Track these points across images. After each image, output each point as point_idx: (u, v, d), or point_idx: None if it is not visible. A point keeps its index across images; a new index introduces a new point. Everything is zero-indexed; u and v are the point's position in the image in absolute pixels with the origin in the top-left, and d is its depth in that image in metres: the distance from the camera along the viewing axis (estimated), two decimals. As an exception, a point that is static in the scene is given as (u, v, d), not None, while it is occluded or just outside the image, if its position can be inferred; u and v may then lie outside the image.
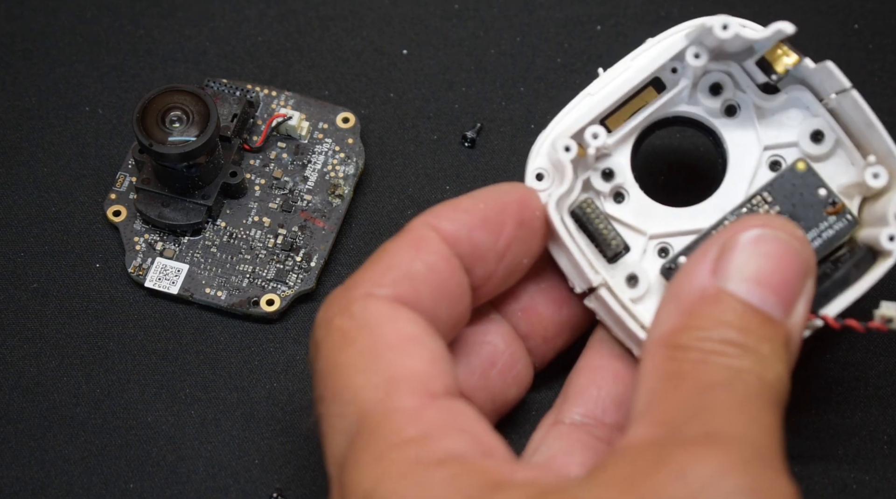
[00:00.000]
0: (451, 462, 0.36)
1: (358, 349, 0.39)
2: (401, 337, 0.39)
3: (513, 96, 0.56)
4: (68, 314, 0.51)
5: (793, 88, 0.46)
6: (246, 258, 0.52)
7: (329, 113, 0.54)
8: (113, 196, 0.53)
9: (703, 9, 0.57)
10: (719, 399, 0.36)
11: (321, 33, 0.57)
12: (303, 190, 0.53)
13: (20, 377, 0.50)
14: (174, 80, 0.56)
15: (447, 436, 0.37)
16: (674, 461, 0.34)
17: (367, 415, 0.38)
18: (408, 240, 0.41)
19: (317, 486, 0.48)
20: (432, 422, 0.37)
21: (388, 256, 0.41)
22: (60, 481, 0.48)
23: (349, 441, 0.38)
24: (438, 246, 0.41)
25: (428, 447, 0.36)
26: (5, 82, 0.56)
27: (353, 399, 0.38)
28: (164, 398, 0.50)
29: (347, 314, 0.40)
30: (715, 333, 0.37)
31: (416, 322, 0.40)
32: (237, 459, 0.49)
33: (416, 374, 0.38)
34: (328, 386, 0.39)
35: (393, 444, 0.37)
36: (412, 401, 0.38)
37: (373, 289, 0.40)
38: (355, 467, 0.37)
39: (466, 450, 0.37)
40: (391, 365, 0.38)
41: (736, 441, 0.35)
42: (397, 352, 0.39)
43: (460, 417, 0.38)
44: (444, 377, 0.39)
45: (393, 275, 0.40)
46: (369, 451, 0.37)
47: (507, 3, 0.58)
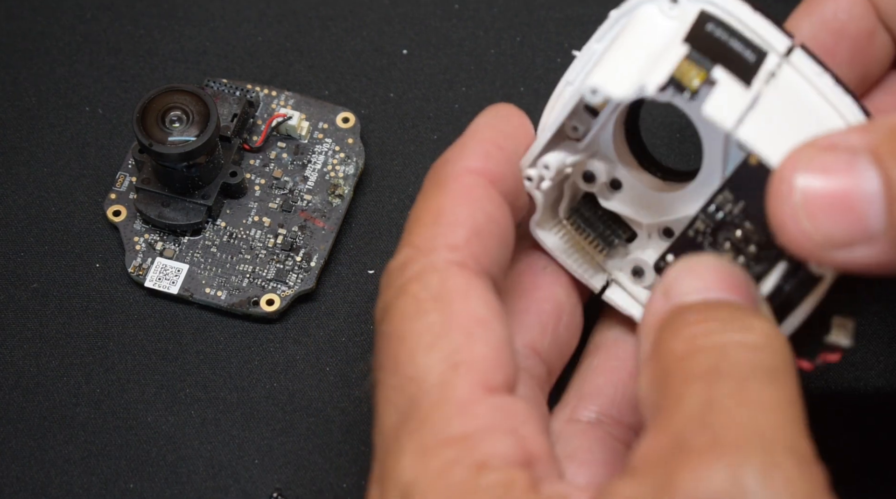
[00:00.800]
0: (490, 466, 0.36)
1: (428, 323, 0.38)
2: (472, 318, 0.38)
3: (513, 96, 0.56)
4: (68, 314, 0.51)
5: None
6: (246, 258, 0.52)
7: (329, 113, 0.54)
8: (113, 196, 0.53)
9: (703, 9, 0.57)
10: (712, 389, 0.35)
11: (321, 33, 0.57)
12: (303, 190, 0.53)
13: (20, 377, 0.50)
14: (174, 80, 0.56)
15: (493, 437, 0.37)
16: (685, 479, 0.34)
17: (422, 397, 0.37)
18: (459, 190, 0.40)
19: (316, 486, 0.48)
20: (482, 420, 0.37)
21: (449, 211, 0.40)
22: (60, 481, 0.48)
23: (400, 420, 0.37)
24: (491, 193, 0.41)
25: (471, 448, 0.36)
26: (5, 82, 0.56)
27: (413, 377, 0.38)
28: (164, 398, 0.50)
29: (424, 282, 0.39)
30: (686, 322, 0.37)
31: (487, 301, 0.39)
32: (237, 459, 0.49)
33: (478, 362, 0.38)
34: (391, 356, 0.38)
35: (439, 439, 0.36)
36: (468, 392, 0.37)
37: (450, 254, 0.39)
38: (399, 455, 0.37)
39: (509, 453, 0.36)
40: (457, 348, 0.38)
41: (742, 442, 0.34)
42: (466, 335, 0.38)
43: (511, 416, 0.37)
44: (505, 367, 0.38)
45: (464, 233, 0.39)
46: (415, 441, 0.37)
47: (507, 3, 0.58)
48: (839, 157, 0.36)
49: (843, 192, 0.36)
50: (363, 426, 0.49)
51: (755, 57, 0.39)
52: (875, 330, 0.50)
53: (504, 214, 0.41)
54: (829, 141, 0.37)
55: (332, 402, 0.50)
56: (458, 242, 0.39)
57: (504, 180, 0.41)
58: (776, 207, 0.37)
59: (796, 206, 0.36)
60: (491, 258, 0.40)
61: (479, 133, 0.42)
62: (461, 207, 0.40)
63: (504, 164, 0.41)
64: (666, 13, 0.41)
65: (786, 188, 0.36)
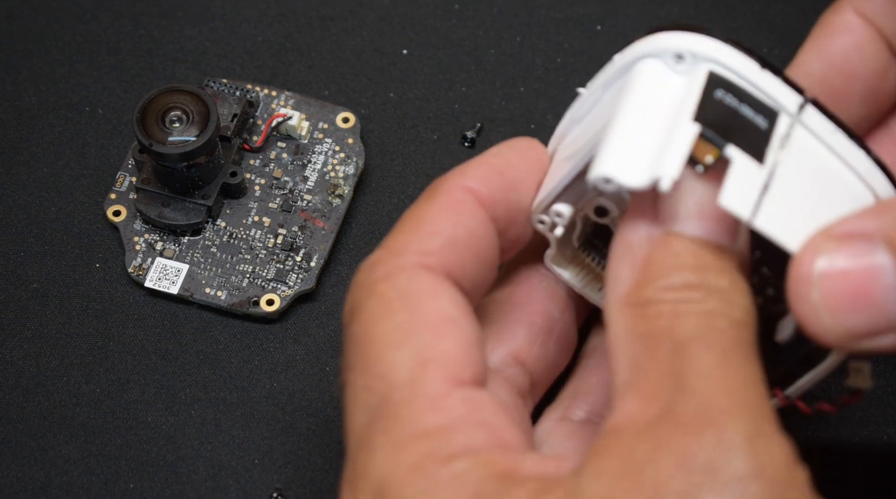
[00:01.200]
0: (463, 457, 0.36)
1: (396, 323, 0.38)
2: (440, 317, 0.38)
3: (513, 96, 0.56)
4: (68, 314, 0.51)
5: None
6: (246, 258, 0.52)
7: (329, 113, 0.54)
8: (113, 196, 0.53)
9: (702, 9, 0.57)
10: (700, 360, 0.35)
11: (321, 33, 0.57)
12: (303, 190, 0.53)
13: (20, 377, 0.50)
14: (174, 80, 0.56)
15: (465, 429, 0.37)
16: (673, 447, 0.34)
17: (392, 394, 0.37)
18: (446, 204, 0.41)
19: (317, 486, 0.48)
20: (453, 413, 0.37)
21: (430, 220, 0.40)
22: (60, 481, 0.48)
23: (370, 418, 0.37)
24: (477, 211, 0.41)
25: (444, 440, 0.36)
26: (5, 82, 0.56)
27: (382, 375, 0.38)
28: (164, 398, 0.50)
29: (392, 283, 0.39)
30: (675, 280, 0.37)
31: (456, 302, 0.39)
32: (237, 459, 0.49)
33: (448, 358, 0.38)
34: (360, 355, 0.38)
35: (411, 434, 0.36)
36: (438, 387, 0.37)
37: (420, 258, 0.39)
38: (371, 452, 0.37)
39: (482, 444, 0.36)
40: (426, 345, 0.38)
41: (730, 415, 0.34)
42: (434, 332, 0.38)
43: (482, 408, 0.37)
44: (474, 364, 0.38)
45: (439, 242, 0.40)
46: (387, 437, 0.37)
47: (507, 3, 0.58)
48: (855, 247, 0.36)
49: (862, 284, 0.36)
50: (363, 426, 0.49)
51: (767, 123, 0.38)
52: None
53: (487, 233, 0.41)
54: (844, 229, 0.36)
55: (332, 402, 0.50)
56: (431, 248, 0.40)
57: (495, 205, 0.41)
58: (796, 305, 0.36)
59: (816, 303, 0.36)
60: (464, 271, 0.40)
61: (485, 158, 0.42)
62: (443, 218, 0.40)
63: (499, 190, 0.41)
64: (672, 68, 0.39)
65: (804, 286, 0.36)
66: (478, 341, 0.39)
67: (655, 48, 0.39)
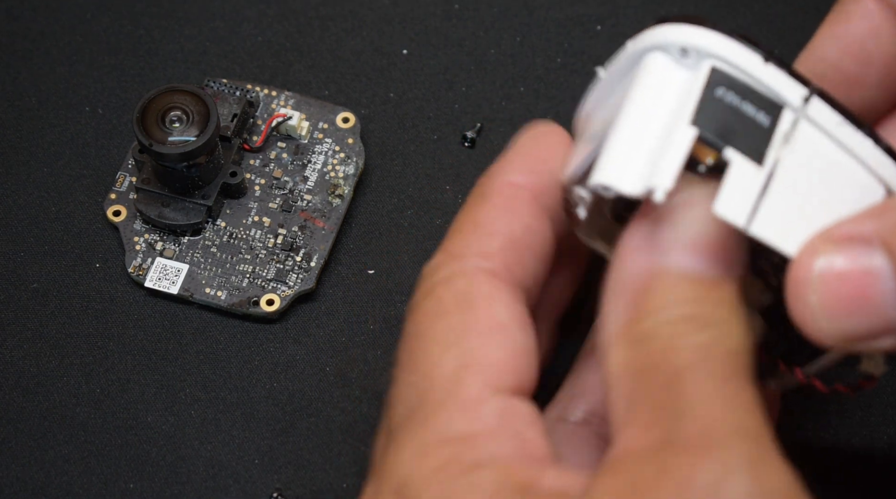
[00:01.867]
0: (485, 467, 0.36)
1: (448, 324, 0.38)
2: (491, 323, 0.38)
3: (513, 96, 0.56)
4: (68, 314, 0.51)
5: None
6: (246, 258, 0.52)
7: (329, 113, 0.54)
8: (113, 196, 0.53)
9: (702, 9, 0.57)
10: (697, 388, 0.35)
11: (321, 33, 0.57)
12: (303, 190, 0.53)
13: (20, 377, 0.50)
14: (174, 80, 0.56)
15: (494, 438, 0.37)
16: (676, 470, 0.34)
17: (431, 394, 0.37)
18: (499, 202, 0.41)
19: (317, 486, 0.48)
20: (485, 420, 0.37)
21: (487, 221, 0.40)
22: (60, 481, 0.48)
23: (407, 415, 0.38)
24: (530, 205, 0.41)
25: (470, 447, 0.36)
26: (5, 82, 0.56)
27: (425, 373, 0.38)
28: (164, 398, 0.50)
29: (450, 286, 0.39)
30: (671, 314, 0.36)
31: (511, 308, 0.39)
32: (237, 459, 0.49)
33: (491, 364, 0.38)
34: (409, 352, 0.39)
35: (440, 438, 0.36)
36: (475, 392, 0.37)
37: (480, 260, 0.39)
38: (399, 450, 0.37)
39: (508, 454, 0.36)
40: (471, 349, 0.38)
41: (731, 440, 0.34)
42: (483, 338, 0.38)
43: (516, 419, 0.37)
44: (519, 373, 0.38)
45: (498, 242, 0.40)
46: (417, 437, 0.37)
47: (507, 3, 0.58)
48: (852, 250, 0.36)
49: (859, 287, 0.36)
50: (363, 426, 0.49)
51: (769, 120, 0.37)
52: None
53: (543, 227, 0.41)
54: (842, 232, 0.36)
55: (332, 402, 0.50)
56: (490, 250, 0.40)
57: (545, 195, 0.41)
58: (794, 307, 0.36)
59: (813, 306, 0.36)
60: (525, 270, 0.40)
61: (523, 149, 0.42)
62: (499, 218, 0.40)
63: (546, 178, 0.41)
64: (679, 62, 0.39)
65: (801, 289, 0.36)
66: (528, 351, 0.39)
67: (662, 41, 0.39)
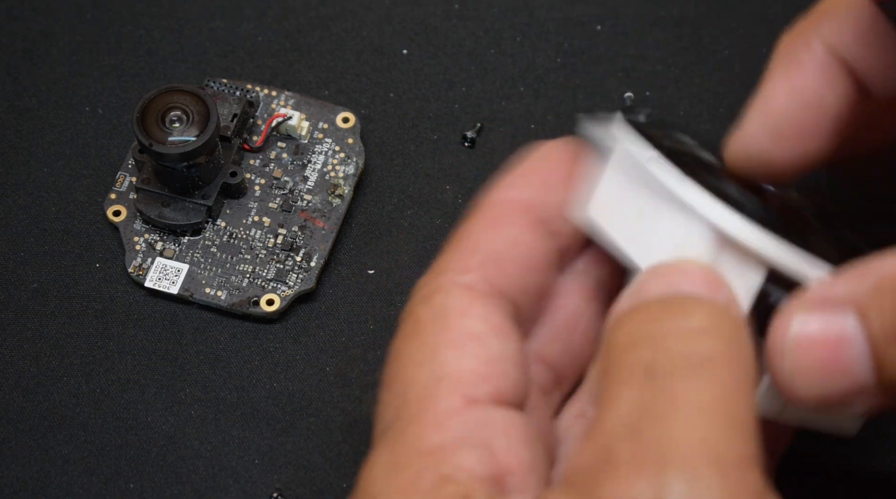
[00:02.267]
0: (453, 480, 0.36)
1: (422, 342, 0.38)
2: (465, 334, 0.38)
3: (513, 96, 0.56)
4: (68, 314, 0.51)
5: None
6: (246, 258, 0.52)
7: (329, 113, 0.54)
8: (113, 196, 0.53)
9: (701, 10, 0.57)
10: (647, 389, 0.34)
11: (321, 33, 0.57)
12: (303, 190, 0.53)
13: (20, 377, 0.50)
14: (174, 80, 0.56)
15: (461, 450, 0.36)
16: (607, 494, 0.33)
17: (405, 409, 0.37)
18: (485, 218, 0.41)
19: (317, 486, 0.48)
20: (455, 433, 0.37)
21: (471, 237, 0.40)
22: (60, 481, 0.48)
23: (382, 432, 0.38)
24: (518, 218, 0.41)
25: (438, 461, 0.36)
26: (5, 82, 0.56)
27: (400, 391, 0.38)
28: (164, 398, 0.50)
29: (427, 303, 0.39)
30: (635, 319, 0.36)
31: (487, 317, 0.39)
32: (237, 459, 0.49)
33: (463, 375, 0.38)
34: (388, 372, 0.39)
35: (410, 452, 0.36)
36: (448, 404, 0.37)
37: (458, 276, 0.39)
38: (372, 467, 0.37)
39: (474, 467, 0.36)
40: (443, 363, 0.38)
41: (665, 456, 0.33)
42: (455, 350, 0.38)
43: (487, 429, 0.37)
44: (496, 381, 0.38)
45: (478, 257, 0.40)
46: (388, 453, 0.37)
47: (507, 3, 0.58)
48: (826, 315, 0.36)
49: (832, 352, 0.36)
50: (363, 426, 0.49)
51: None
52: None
53: (532, 239, 0.41)
54: (817, 295, 0.36)
55: (332, 402, 0.50)
56: (469, 264, 0.40)
57: (542, 207, 0.41)
58: (772, 370, 0.37)
59: (789, 371, 0.36)
60: (510, 281, 0.40)
61: (523, 166, 0.42)
62: (482, 232, 0.40)
63: (542, 192, 0.41)
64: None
65: (778, 354, 0.36)
66: (505, 357, 0.38)
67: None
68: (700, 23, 0.57)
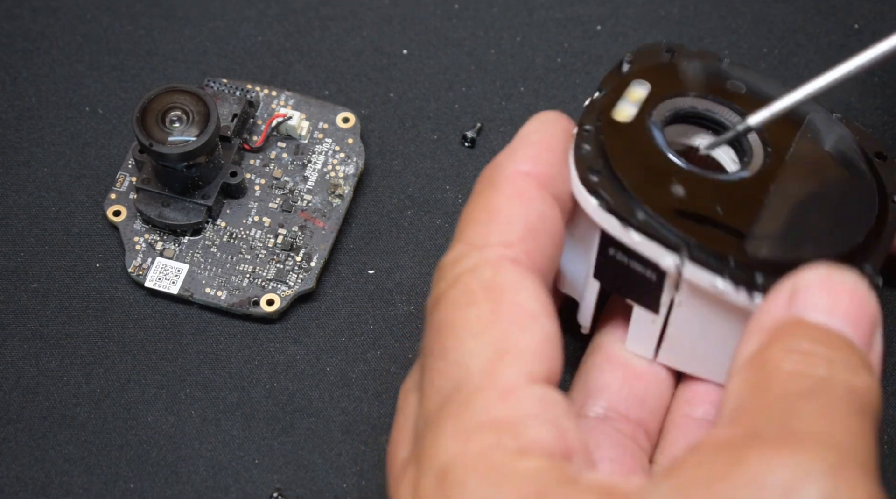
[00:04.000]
0: (530, 453, 0.36)
1: (478, 313, 0.39)
2: (522, 310, 0.39)
3: (513, 96, 0.56)
4: (68, 314, 0.51)
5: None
6: (246, 258, 0.52)
7: (329, 113, 0.54)
8: (113, 196, 0.53)
9: (701, 10, 0.57)
10: (804, 404, 0.35)
11: (321, 33, 0.57)
12: (303, 190, 0.53)
13: (20, 377, 0.50)
14: (174, 80, 0.56)
15: (535, 425, 0.37)
16: (751, 463, 0.33)
17: (467, 381, 0.38)
18: (511, 191, 0.41)
19: (317, 486, 0.48)
20: (524, 407, 0.37)
21: (503, 210, 0.41)
22: (60, 481, 0.48)
23: (443, 402, 0.38)
24: (542, 193, 0.41)
25: (512, 433, 0.36)
26: (5, 82, 0.56)
27: (459, 361, 0.38)
28: (164, 398, 0.50)
29: (477, 274, 0.39)
30: (801, 345, 0.37)
31: (538, 296, 0.39)
32: (237, 459, 0.49)
33: (525, 351, 0.38)
34: (439, 340, 0.39)
35: (480, 422, 0.37)
36: (512, 379, 0.37)
37: (503, 249, 0.40)
38: (439, 435, 0.37)
39: (549, 443, 0.37)
40: (505, 337, 0.38)
41: (819, 443, 0.34)
42: (514, 325, 0.38)
43: (552, 407, 0.37)
44: (550, 361, 0.38)
45: (518, 231, 0.40)
46: (456, 422, 0.37)
47: (507, 3, 0.58)
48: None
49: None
50: (363, 426, 0.49)
51: (655, 276, 0.42)
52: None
53: (555, 213, 0.41)
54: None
55: (332, 402, 0.50)
56: (511, 239, 0.40)
57: (553, 182, 0.42)
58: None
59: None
60: (543, 256, 0.41)
61: (528, 137, 0.42)
62: (515, 207, 0.41)
63: (553, 166, 0.42)
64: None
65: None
66: (555, 339, 0.39)
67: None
68: (700, 23, 0.57)
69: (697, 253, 0.40)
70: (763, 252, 0.41)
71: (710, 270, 0.40)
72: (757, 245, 0.41)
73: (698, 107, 0.45)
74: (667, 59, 0.46)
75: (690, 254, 0.40)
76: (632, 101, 0.44)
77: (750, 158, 0.44)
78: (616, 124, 0.43)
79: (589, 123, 0.43)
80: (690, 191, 0.42)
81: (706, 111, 0.45)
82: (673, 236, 0.41)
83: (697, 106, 0.45)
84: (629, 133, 0.43)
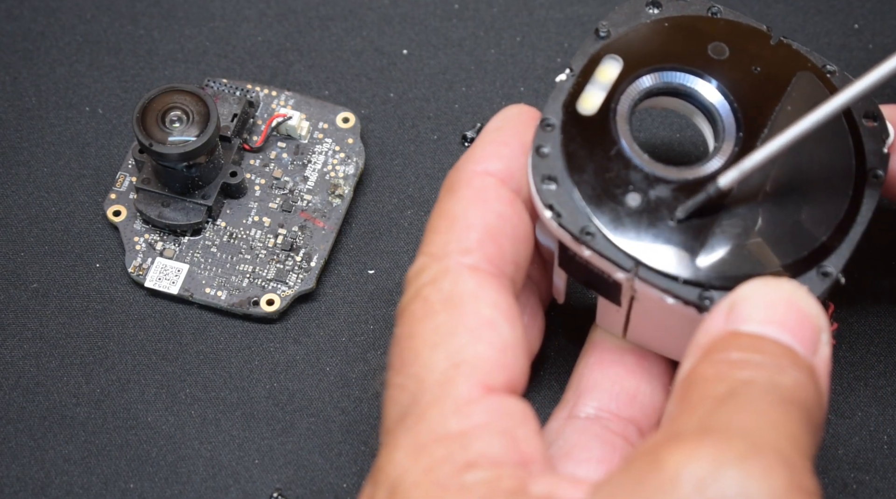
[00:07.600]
0: (477, 467, 0.36)
1: (435, 325, 0.39)
2: (479, 319, 0.39)
3: (513, 96, 0.56)
4: (68, 314, 0.51)
5: None
6: (246, 258, 0.52)
7: (329, 113, 0.54)
8: (113, 196, 0.53)
9: (703, 9, 0.57)
10: (722, 404, 0.35)
11: (321, 33, 0.57)
12: (303, 190, 0.53)
13: (20, 377, 0.50)
14: (174, 80, 0.56)
15: (485, 436, 0.37)
16: (668, 463, 0.34)
17: (423, 394, 0.38)
18: (468, 193, 0.41)
19: (317, 486, 0.48)
20: (477, 419, 0.37)
21: (461, 215, 0.41)
22: (60, 481, 0.48)
23: (400, 416, 0.38)
24: (500, 191, 0.41)
25: (462, 446, 0.36)
26: (5, 82, 0.56)
27: (416, 374, 0.38)
28: (164, 398, 0.50)
29: (437, 286, 0.39)
30: (730, 356, 0.37)
31: (497, 303, 0.39)
32: (237, 459, 0.49)
33: (481, 361, 0.38)
34: (399, 354, 0.39)
35: (432, 436, 0.37)
36: (467, 391, 0.37)
37: (462, 257, 0.40)
38: (393, 449, 0.37)
39: (499, 454, 0.37)
40: (460, 348, 0.38)
41: (732, 434, 0.34)
42: (471, 335, 0.38)
43: (506, 417, 0.38)
44: (509, 369, 0.39)
45: (476, 236, 0.40)
46: (410, 437, 0.37)
47: (507, 3, 0.58)
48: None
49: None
50: (363, 426, 0.49)
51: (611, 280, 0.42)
52: (875, 330, 0.50)
53: (517, 211, 0.41)
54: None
55: (332, 402, 0.50)
56: (469, 245, 0.40)
57: (516, 177, 0.42)
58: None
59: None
60: (505, 258, 0.40)
61: (489, 135, 0.43)
62: (471, 211, 0.41)
63: (515, 160, 0.42)
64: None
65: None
66: (516, 345, 0.39)
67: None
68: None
69: (646, 274, 0.41)
70: (714, 268, 0.41)
71: (660, 289, 0.40)
72: (708, 260, 0.41)
73: (673, 81, 0.44)
74: (649, 16, 0.45)
75: (638, 274, 0.41)
76: (601, 82, 0.44)
77: (721, 142, 0.43)
78: (579, 119, 0.43)
79: (552, 114, 0.43)
80: (647, 200, 0.41)
81: (681, 86, 0.44)
82: (623, 257, 0.41)
83: (672, 80, 0.44)
84: (591, 130, 0.43)
